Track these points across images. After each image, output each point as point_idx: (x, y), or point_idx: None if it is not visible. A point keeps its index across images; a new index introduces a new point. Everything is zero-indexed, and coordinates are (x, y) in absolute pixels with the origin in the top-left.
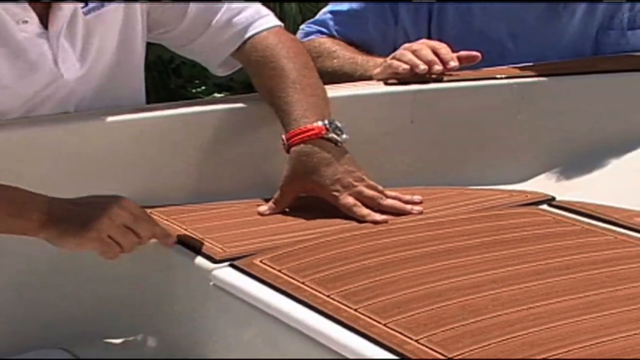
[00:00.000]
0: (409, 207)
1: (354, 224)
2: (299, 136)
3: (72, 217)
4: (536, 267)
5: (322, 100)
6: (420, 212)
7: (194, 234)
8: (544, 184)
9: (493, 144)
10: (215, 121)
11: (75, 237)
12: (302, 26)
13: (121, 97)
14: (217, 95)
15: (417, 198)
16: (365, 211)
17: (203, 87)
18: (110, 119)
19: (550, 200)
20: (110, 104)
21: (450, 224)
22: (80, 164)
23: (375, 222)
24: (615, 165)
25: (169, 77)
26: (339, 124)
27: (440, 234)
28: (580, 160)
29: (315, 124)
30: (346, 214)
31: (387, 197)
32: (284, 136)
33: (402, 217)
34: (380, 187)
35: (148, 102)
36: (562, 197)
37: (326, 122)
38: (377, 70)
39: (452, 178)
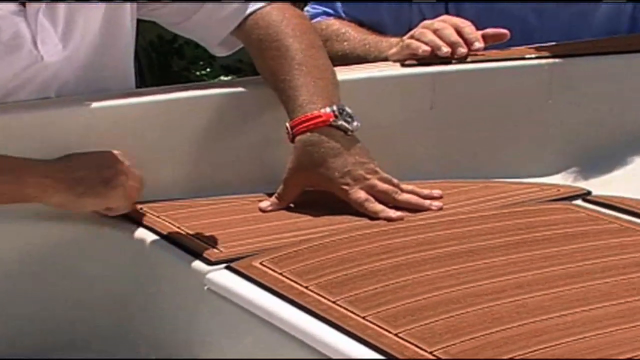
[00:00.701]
0: (427, 202)
1: (366, 221)
2: (305, 124)
3: (87, 178)
4: (568, 269)
5: (331, 84)
6: (440, 208)
7: (188, 233)
8: (578, 176)
9: (521, 132)
10: (213, 108)
11: (98, 197)
12: (306, 7)
13: (108, 81)
14: (223, 78)
15: (436, 192)
16: (378, 207)
17: (208, 70)
18: (95, 105)
19: (585, 195)
20: (96, 88)
21: (473, 221)
22: (62, 154)
23: (390, 219)
24: None
25: (171, 58)
26: (349, 110)
27: (461, 232)
28: (620, 151)
29: (322, 111)
30: (357, 210)
31: (403, 191)
32: (288, 124)
33: (420, 213)
34: (395, 181)
35: (147, 87)
36: (599, 191)
37: (335, 108)
38: (394, 50)
39: (475, 170)
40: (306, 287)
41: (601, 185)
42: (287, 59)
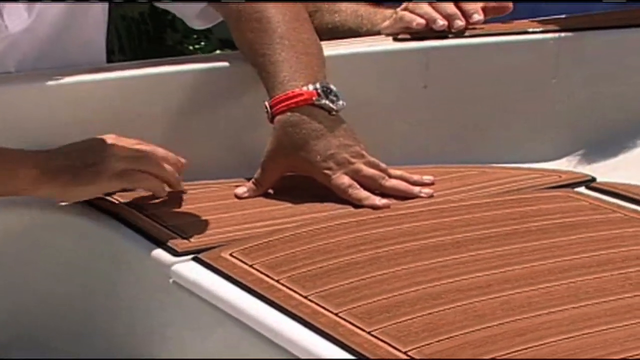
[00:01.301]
0: (416, 189)
1: (349, 209)
2: (285, 103)
3: (70, 166)
4: (561, 263)
5: (316, 60)
6: (430, 196)
7: (155, 221)
8: (583, 162)
9: (522, 114)
10: (187, 85)
11: (84, 184)
12: None
13: (76, 56)
14: (219, 52)
15: (427, 178)
16: (362, 194)
17: (203, 44)
18: (59, 81)
19: (589, 182)
20: (61, 63)
21: (462, 210)
22: (22, 136)
23: (375, 207)
24: None
25: (164, 31)
26: (334, 88)
27: (449, 222)
28: (630, 135)
29: (304, 88)
30: (340, 197)
31: (391, 177)
32: (267, 103)
33: (407, 201)
34: (382, 165)
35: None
36: (605, 178)
37: (318, 85)
38: (386, 23)
39: (472, 155)
40: (277, 281)
41: (607, 172)
42: (268, 31)
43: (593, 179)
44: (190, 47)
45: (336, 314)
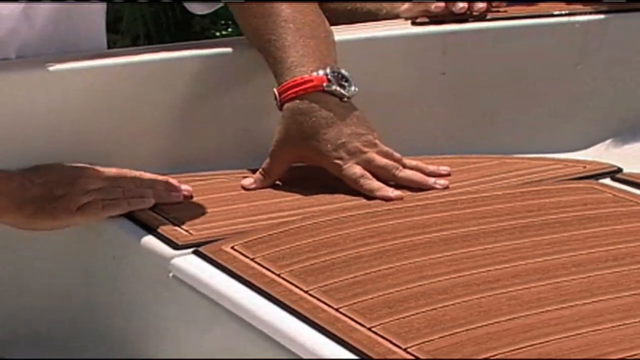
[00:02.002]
0: (431, 180)
1: (361, 200)
2: (293, 89)
3: (38, 198)
4: (576, 257)
5: (324, 44)
6: (446, 187)
7: (157, 213)
8: (609, 152)
9: (546, 102)
10: (192, 71)
11: (48, 220)
12: None
13: (77, 42)
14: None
15: (443, 169)
16: (375, 184)
17: (230, 30)
18: (61, 66)
19: (614, 173)
20: (62, 49)
21: (480, 201)
22: (23, 124)
23: (387, 199)
24: None
25: (192, 17)
26: (345, 73)
27: (462, 214)
28: None
29: (314, 74)
30: (352, 189)
31: (406, 167)
32: (275, 90)
33: (422, 193)
34: (397, 155)
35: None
36: (632, 168)
37: (328, 70)
38: (405, 6)
39: (492, 144)
40: (278, 275)
41: (636, 162)
42: (272, 15)
43: (619, 170)
44: (217, 33)
45: (337, 310)
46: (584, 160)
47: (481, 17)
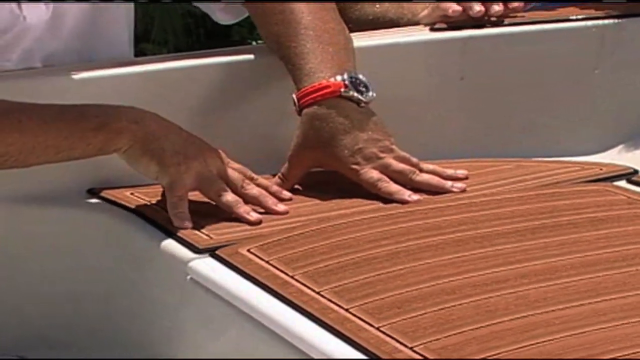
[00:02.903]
0: (448, 184)
1: (378, 204)
2: (312, 95)
3: (165, 139)
4: (586, 258)
5: (344, 50)
6: (463, 190)
7: None
8: (626, 154)
9: (563, 106)
10: (213, 78)
11: (156, 165)
12: None
13: (101, 51)
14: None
15: (461, 172)
16: (393, 187)
17: None
18: (86, 75)
19: (631, 175)
20: (88, 57)
21: (494, 204)
22: None
23: (404, 202)
24: None
25: (231, 26)
26: (363, 79)
27: (476, 216)
28: None
29: (332, 80)
30: (369, 193)
31: (423, 171)
32: (294, 95)
33: (438, 196)
34: (414, 160)
35: None
36: None
37: (346, 76)
38: (425, 12)
39: (510, 148)
40: (292, 277)
41: None
42: (293, 22)
43: (635, 172)
44: (254, 43)
45: (347, 310)
46: (601, 163)
47: (499, 22)
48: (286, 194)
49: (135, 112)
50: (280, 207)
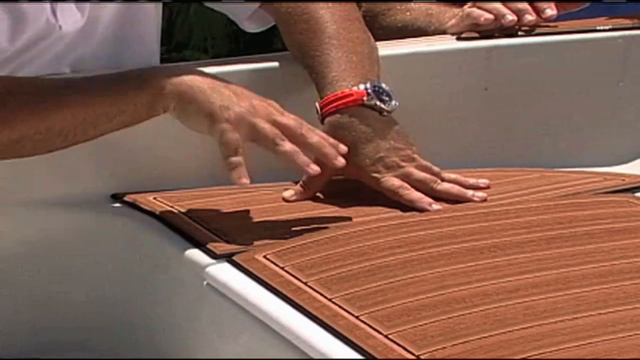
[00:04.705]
0: (469, 193)
1: (397, 212)
2: (334, 104)
3: (213, 91)
4: (600, 268)
5: (367, 59)
6: (484, 199)
7: (199, 224)
8: None
9: (588, 116)
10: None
11: (204, 117)
12: None
13: (130, 58)
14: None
15: (482, 182)
16: (414, 195)
17: None
18: None
19: None
20: (116, 63)
21: (512, 213)
22: None
23: (424, 210)
24: None
25: (273, 35)
26: (386, 88)
27: (494, 225)
28: None
29: (354, 88)
30: (389, 202)
31: (444, 180)
32: (317, 104)
33: (457, 205)
34: (435, 169)
35: None
36: None
37: (368, 85)
38: (453, 21)
39: (534, 158)
40: (305, 283)
41: None
42: (317, 32)
43: None
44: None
45: (357, 317)
46: (623, 174)
47: (528, 32)
48: (343, 147)
49: (176, 69)
50: (340, 160)
